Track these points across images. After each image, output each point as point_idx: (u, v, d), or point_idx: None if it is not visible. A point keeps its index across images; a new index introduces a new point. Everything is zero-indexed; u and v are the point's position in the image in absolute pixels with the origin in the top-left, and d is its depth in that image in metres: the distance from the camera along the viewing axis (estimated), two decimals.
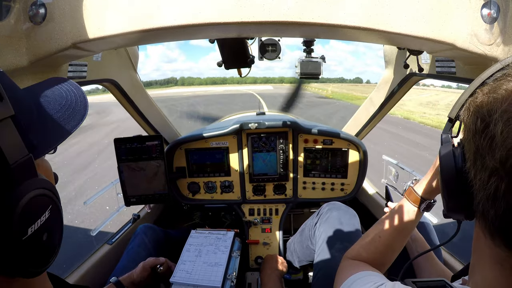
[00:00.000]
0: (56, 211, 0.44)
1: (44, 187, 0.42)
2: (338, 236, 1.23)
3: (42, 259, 0.41)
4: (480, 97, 0.38)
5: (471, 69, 0.92)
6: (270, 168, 1.71)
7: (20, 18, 0.74)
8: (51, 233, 0.42)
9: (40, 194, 0.40)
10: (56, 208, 0.44)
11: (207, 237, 1.33)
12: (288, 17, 0.67)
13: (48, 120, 0.48)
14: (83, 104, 0.53)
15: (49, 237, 0.42)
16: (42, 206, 0.41)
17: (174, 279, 1.09)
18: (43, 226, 0.40)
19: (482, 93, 0.38)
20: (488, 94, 0.36)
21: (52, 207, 0.43)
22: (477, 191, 0.37)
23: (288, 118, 1.76)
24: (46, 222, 0.41)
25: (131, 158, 1.31)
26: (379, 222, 0.84)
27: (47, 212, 0.41)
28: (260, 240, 1.75)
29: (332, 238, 1.23)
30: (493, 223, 0.36)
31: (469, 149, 0.38)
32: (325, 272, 1.17)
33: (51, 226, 0.42)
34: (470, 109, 0.39)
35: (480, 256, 0.42)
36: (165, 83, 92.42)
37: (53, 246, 0.44)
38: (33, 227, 0.38)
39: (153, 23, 0.69)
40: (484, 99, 0.37)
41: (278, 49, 1.18)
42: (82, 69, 1.06)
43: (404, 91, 1.50)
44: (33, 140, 0.44)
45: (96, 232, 1.49)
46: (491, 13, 0.69)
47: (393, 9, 0.68)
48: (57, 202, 0.44)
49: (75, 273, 1.25)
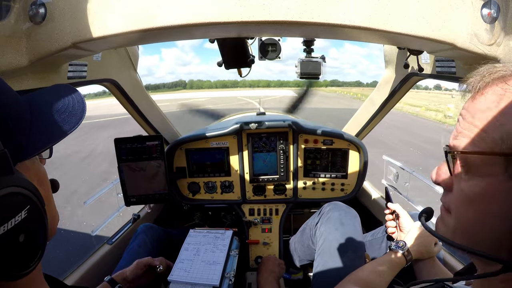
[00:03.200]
0: (36, 213, 0.42)
1: (21, 186, 0.40)
2: (339, 236, 1.23)
3: (20, 262, 0.40)
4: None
5: (471, 69, 0.90)
6: (270, 168, 1.71)
7: (20, 18, 0.74)
8: (30, 235, 0.41)
9: (15, 192, 0.39)
10: (36, 210, 0.42)
11: (205, 236, 1.33)
12: (288, 16, 0.67)
13: (41, 123, 0.48)
14: (80, 108, 0.53)
15: (28, 239, 0.40)
16: (17, 205, 0.39)
17: (172, 277, 1.09)
18: (18, 226, 0.39)
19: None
20: None
21: (30, 208, 0.41)
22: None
23: (288, 118, 1.76)
24: (22, 223, 0.39)
25: (131, 158, 1.31)
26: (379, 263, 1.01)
27: (23, 212, 0.40)
28: (260, 240, 1.74)
29: (333, 238, 1.23)
30: None
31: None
32: (326, 272, 1.17)
33: (29, 228, 0.41)
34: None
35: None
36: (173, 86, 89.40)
37: (34, 249, 0.42)
38: (5, 226, 0.37)
39: (153, 23, 0.69)
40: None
41: (278, 49, 1.17)
42: (82, 69, 1.06)
43: (404, 91, 1.50)
44: (22, 141, 0.44)
45: (96, 232, 1.49)
46: (491, 13, 0.69)
47: (393, 9, 0.68)
48: (37, 204, 0.42)
49: (75, 273, 1.25)
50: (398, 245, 1.04)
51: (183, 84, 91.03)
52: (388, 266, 0.97)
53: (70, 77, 1.01)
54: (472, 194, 0.41)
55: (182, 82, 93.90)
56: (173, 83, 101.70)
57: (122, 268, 1.18)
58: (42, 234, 0.44)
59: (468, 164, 0.41)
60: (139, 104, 1.55)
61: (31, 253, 0.42)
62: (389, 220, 1.19)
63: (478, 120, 0.41)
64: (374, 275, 0.93)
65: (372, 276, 0.93)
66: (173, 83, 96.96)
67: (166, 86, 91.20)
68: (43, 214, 0.44)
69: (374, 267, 0.97)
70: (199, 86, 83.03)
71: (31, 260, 0.41)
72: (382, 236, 1.35)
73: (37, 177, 0.48)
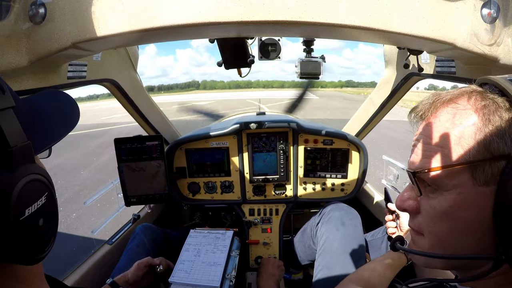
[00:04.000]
0: (51, 199, 0.46)
1: (42, 174, 0.44)
2: (340, 237, 1.23)
3: (38, 246, 0.43)
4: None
5: (471, 69, 0.92)
6: (270, 168, 1.71)
7: (20, 18, 0.74)
8: (47, 220, 0.44)
9: (38, 179, 0.43)
10: (51, 196, 0.46)
11: (206, 236, 1.32)
12: (288, 16, 0.67)
13: (40, 124, 0.51)
14: (75, 112, 0.58)
15: (45, 224, 0.43)
16: (39, 191, 0.43)
17: (173, 279, 1.09)
18: (40, 210, 0.42)
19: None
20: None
21: (48, 194, 0.45)
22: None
23: (288, 119, 1.76)
24: (43, 208, 0.43)
25: (131, 158, 1.31)
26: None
27: (44, 197, 0.43)
28: (260, 240, 1.74)
29: (334, 238, 1.23)
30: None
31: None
32: (326, 272, 1.17)
33: (47, 213, 0.44)
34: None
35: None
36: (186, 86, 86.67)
37: (49, 235, 0.45)
38: (30, 209, 0.40)
39: (153, 23, 0.69)
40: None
41: (278, 48, 1.17)
42: (82, 69, 1.06)
43: (404, 91, 1.50)
44: (37, 135, 0.48)
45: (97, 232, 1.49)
46: (491, 12, 0.69)
47: (393, 9, 0.68)
48: (52, 192, 0.46)
49: (74, 273, 1.25)
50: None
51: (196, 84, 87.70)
52: (388, 265, 0.97)
53: (70, 77, 1.00)
54: (444, 209, 0.42)
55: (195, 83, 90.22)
56: (186, 83, 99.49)
57: (121, 268, 1.18)
58: (55, 221, 0.47)
59: (436, 182, 0.43)
60: (139, 104, 1.55)
61: (47, 239, 0.44)
62: (389, 221, 1.18)
63: (438, 139, 0.44)
64: (374, 275, 0.93)
65: (372, 276, 0.93)
66: (186, 84, 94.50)
67: (179, 86, 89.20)
68: (56, 202, 0.48)
69: (375, 267, 0.97)
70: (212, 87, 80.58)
71: (45, 245, 0.44)
72: (382, 236, 1.35)
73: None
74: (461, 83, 1.02)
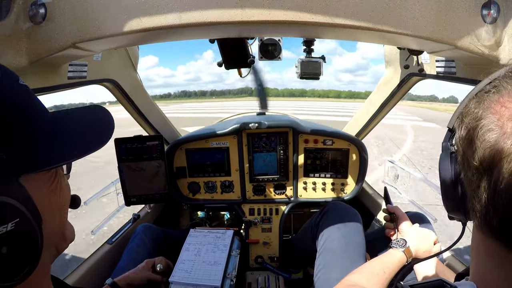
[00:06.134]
0: (26, 228, 0.38)
1: (13, 196, 0.37)
2: (340, 236, 1.23)
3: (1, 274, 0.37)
4: (468, 108, 0.44)
5: (471, 69, 0.92)
6: (271, 168, 1.71)
7: (20, 18, 0.74)
8: (14, 249, 0.38)
9: (4, 202, 0.36)
10: (26, 225, 0.38)
11: (206, 236, 1.32)
12: (289, 16, 0.67)
13: (61, 140, 0.47)
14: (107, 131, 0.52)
15: (11, 253, 0.37)
16: (4, 216, 0.36)
17: (173, 278, 1.09)
18: (2, 238, 0.36)
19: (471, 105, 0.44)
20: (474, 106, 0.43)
21: (19, 221, 0.37)
22: (466, 188, 0.43)
23: (288, 119, 1.76)
24: (7, 235, 0.36)
25: (131, 158, 1.31)
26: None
27: (10, 224, 0.36)
28: (260, 239, 1.75)
29: (334, 238, 1.23)
30: (480, 216, 0.40)
31: (458, 153, 0.45)
32: (326, 271, 1.18)
33: (14, 242, 0.37)
34: (460, 119, 0.46)
35: (476, 251, 0.45)
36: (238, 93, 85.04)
37: (17, 265, 0.39)
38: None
39: (153, 23, 0.69)
40: (471, 109, 0.43)
41: (278, 49, 1.17)
42: (82, 69, 1.06)
43: (404, 91, 1.50)
44: (36, 153, 0.42)
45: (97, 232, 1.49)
46: (491, 13, 0.69)
47: (393, 9, 0.68)
48: (30, 220, 0.39)
49: (75, 273, 1.25)
50: (398, 244, 1.04)
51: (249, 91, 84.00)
52: (388, 264, 0.97)
53: (70, 77, 1.01)
54: None
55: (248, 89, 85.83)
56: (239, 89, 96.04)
57: (122, 268, 1.18)
58: (31, 253, 0.40)
59: None
60: (139, 104, 1.55)
61: (12, 268, 0.38)
62: (388, 221, 1.19)
63: None
64: (374, 274, 0.94)
65: (372, 275, 0.93)
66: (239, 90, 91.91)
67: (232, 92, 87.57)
68: (36, 230, 0.40)
69: (375, 266, 0.97)
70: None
71: (11, 275, 0.38)
72: (382, 236, 1.35)
73: (50, 189, 0.46)
74: (461, 83, 1.02)
